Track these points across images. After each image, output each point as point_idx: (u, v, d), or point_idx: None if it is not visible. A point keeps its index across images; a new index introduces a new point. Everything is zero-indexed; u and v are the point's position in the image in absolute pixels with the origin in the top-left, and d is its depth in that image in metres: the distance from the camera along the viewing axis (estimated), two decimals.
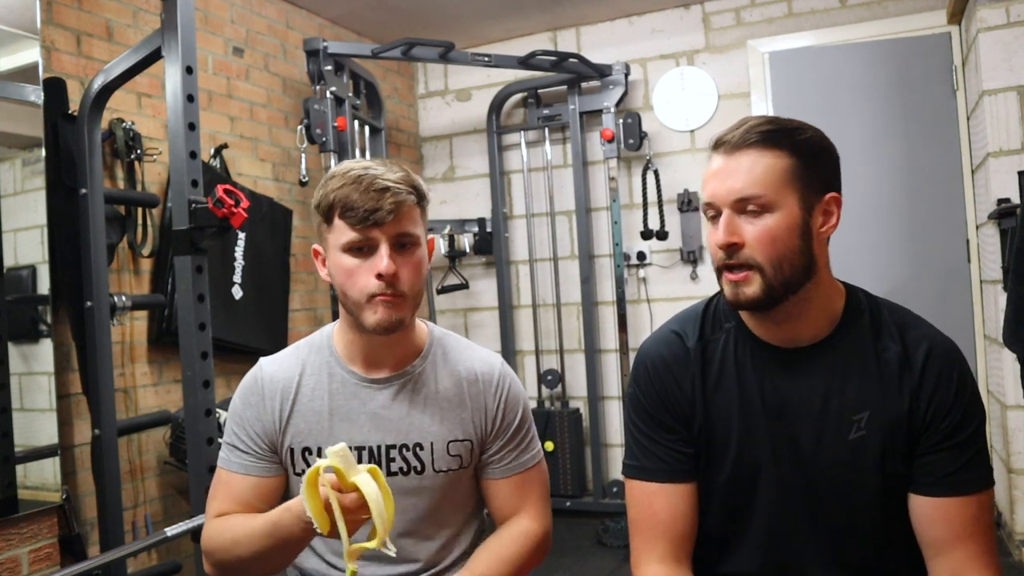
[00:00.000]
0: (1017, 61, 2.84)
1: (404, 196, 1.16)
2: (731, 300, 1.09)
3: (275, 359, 1.31)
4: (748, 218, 1.05)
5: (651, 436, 1.18)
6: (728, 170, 1.07)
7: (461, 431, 1.28)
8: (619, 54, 3.84)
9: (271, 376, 1.27)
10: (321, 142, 3.14)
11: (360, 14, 3.62)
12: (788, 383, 1.13)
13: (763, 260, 1.05)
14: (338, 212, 1.16)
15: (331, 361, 1.27)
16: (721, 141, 1.09)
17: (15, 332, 2.14)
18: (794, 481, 1.12)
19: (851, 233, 1.19)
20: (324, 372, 1.27)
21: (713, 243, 1.09)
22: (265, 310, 3.02)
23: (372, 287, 1.16)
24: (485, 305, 4.14)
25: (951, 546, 1.06)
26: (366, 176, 1.15)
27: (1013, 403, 2.80)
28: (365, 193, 1.14)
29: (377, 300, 1.16)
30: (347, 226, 1.16)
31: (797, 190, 1.06)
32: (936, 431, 1.08)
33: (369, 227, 1.15)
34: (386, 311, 1.16)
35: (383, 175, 1.16)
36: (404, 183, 1.17)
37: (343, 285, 1.19)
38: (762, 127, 1.07)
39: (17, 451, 2.08)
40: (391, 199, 1.14)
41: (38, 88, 2.16)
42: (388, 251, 1.16)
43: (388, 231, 1.16)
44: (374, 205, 1.14)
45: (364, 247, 1.17)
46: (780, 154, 1.06)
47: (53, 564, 2.12)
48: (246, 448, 1.25)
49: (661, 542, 1.15)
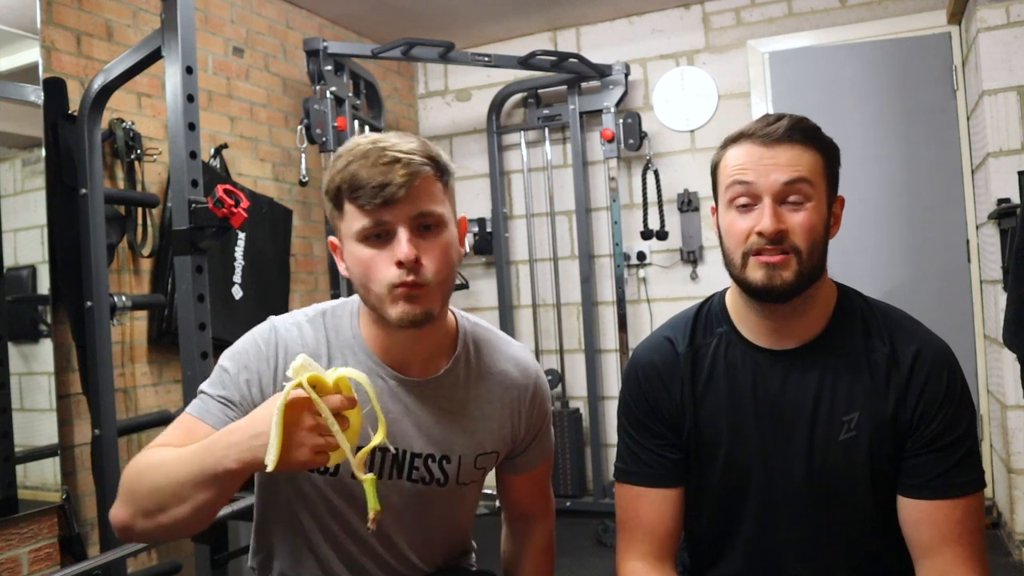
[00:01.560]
0: (1017, 61, 2.84)
1: (418, 167, 0.99)
2: (763, 284, 1.06)
3: (292, 327, 1.12)
4: (789, 208, 1.06)
5: (640, 442, 1.19)
6: (773, 159, 1.06)
7: (490, 443, 1.18)
8: (619, 54, 3.84)
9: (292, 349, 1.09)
10: (321, 142, 3.14)
11: (360, 14, 3.62)
12: (779, 385, 1.13)
13: (802, 247, 1.06)
14: (346, 195, 1.00)
15: (356, 349, 1.11)
16: (758, 133, 1.08)
17: (15, 332, 2.14)
18: (785, 483, 1.12)
19: (851, 233, 1.19)
20: (351, 359, 1.10)
21: (744, 229, 1.07)
22: (265, 310, 3.00)
23: (392, 276, 0.99)
24: (485, 305, 4.14)
25: (937, 548, 1.06)
26: (374, 149, 0.99)
27: (1013, 403, 2.80)
28: (373, 168, 0.97)
29: (398, 292, 1.00)
30: (357, 210, 1.00)
31: (825, 187, 1.09)
32: (924, 433, 1.08)
33: (380, 207, 0.98)
34: (408, 305, 1.00)
35: (394, 145, 0.99)
36: (419, 153, 1.00)
37: (361, 277, 1.03)
38: (803, 125, 1.09)
39: (17, 451, 2.08)
40: (402, 171, 0.97)
41: (38, 88, 2.16)
42: (407, 235, 0.99)
43: (404, 211, 0.99)
44: (383, 179, 0.97)
45: (380, 233, 1.00)
46: (816, 152, 1.08)
47: (53, 564, 2.12)
48: (235, 407, 1.06)
49: (644, 541, 1.17)
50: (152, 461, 0.99)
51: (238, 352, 1.10)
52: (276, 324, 1.13)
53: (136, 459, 1.01)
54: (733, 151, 1.11)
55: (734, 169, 1.09)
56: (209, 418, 1.04)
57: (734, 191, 1.08)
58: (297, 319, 1.14)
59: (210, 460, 0.92)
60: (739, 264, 1.08)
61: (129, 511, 0.98)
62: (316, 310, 1.16)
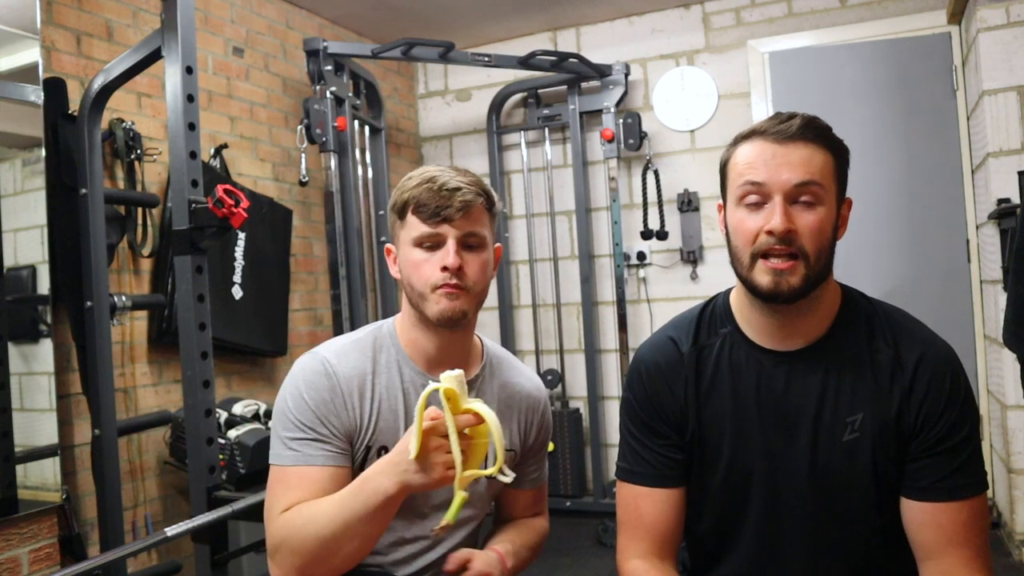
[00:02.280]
0: (1017, 61, 2.84)
1: (473, 197, 1.22)
2: (769, 289, 1.05)
3: (339, 354, 1.26)
4: (800, 208, 1.05)
5: (643, 441, 1.19)
6: (785, 158, 1.05)
7: (509, 442, 1.33)
8: (619, 54, 3.84)
9: (344, 374, 1.23)
10: (321, 142, 3.14)
11: (360, 14, 3.62)
12: (783, 386, 1.13)
13: (810, 250, 1.05)
14: (411, 208, 1.22)
15: (400, 360, 1.28)
16: (770, 131, 1.07)
17: (15, 332, 2.14)
18: (787, 483, 1.12)
19: (851, 233, 1.18)
20: (395, 370, 1.27)
21: (753, 228, 1.06)
22: (265, 310, 3.02)
23: (437, 278, 1.20)
24: (485, 305, 4.11)
25: (941, 550, 1.06)
26: (440, 176, 1.22)
27: (1013, 403, 2.80)
28: (438, 192, 1.20)
29: (441, 291, 1.20)
30: (419, 221, 1.21)
31: (835, 188, 1.08)
32: (927, 436, 1.08)
33: (439, 222, 1.20)
34: (449, 302, 1.20)
35: (455, 177, 1.23)
36: (475, 185, 1.24)
37: (410, 277, 1.23)
38: (816, 123, 1.08)
39: (17, 451, 2.08)
40: (460, 198, 1.20)
41: (38, 88, 2.16)
42: (455, 247, 1.20)
43: (457, 228, 1.21)
44: (445, 203, 1.20)
45: (433, 242, 1.21)
46: (827, 152, 1.08)
47: (53, 564, 2.12)
48: (328, 439, 1.19)
49: (644, 540, 1.17)
50: (306, 515, 1.12)
51: (294, 395, 1.22)
52: (324, 356, 1.25)
53: (286, 519, 1.14)
54: (744, 148, 1.09)
55: (745, 167, 1.08)
56: (317, 460, 1.18)
57: (744, 189, 1.07)
58: (341, 345, 1.28)
59: (370, 493, 1.08)
60: (747, 265, 1.08)
61: (298, 562, 1.12)
62: (362, 335, 1.30)
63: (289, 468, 1.18)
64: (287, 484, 1.17)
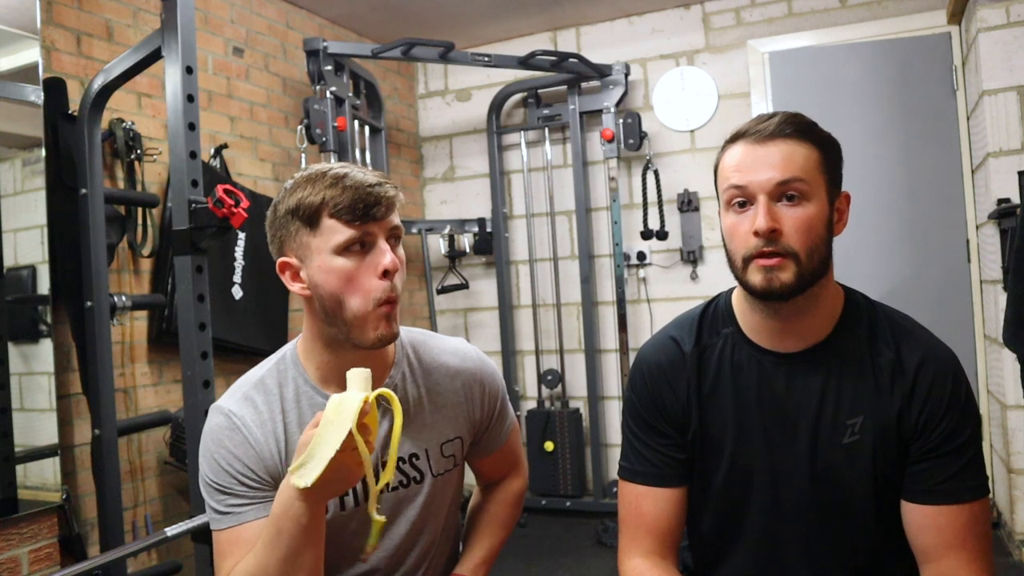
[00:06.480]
0: (1017, 61, 2.84)
1: (392, 192, 1.11)
2: (763, 287, 1.06)
3: (243, 403, 1.16)
4: (786, 205, 1.05)
5: (645, 441, 1.20)
6: (765, 157, 1.05)
7: (452, 430, 1.24)
8: (619, 54, 3.84)
9: (254, 422, 1.14)
10: (321, 142, 3.14)
11: (360, 14, 3.62)
12: (785, 387, 1.13)
13: (799, 248, 1.04)
14: (328, 212, 1.07)
15: (309, 392, 1.16)
16: (750, 132, 1.07)
17: (15, 332, 2.14)
18: (788, 485, 1.12)
19: (851, 233, 1.19)
20: (304, 402, 1.16)
21: (743, 231, 1.06)
22: (265, 310, 3.02)
23: (379, 290, 1.08)
24: (485, 305, 4.14)
25: (941, 554, 1.05)
26: (350, 175, 1.09)
27: (1013, 403, 2.80)
28: (358, 190, 1.07)
29: (383, 311, 1.08)
30: (343, 224, 1.07)
31: (825, 182, 1.08)
32: (928, 439, 1.08)
33: (368, 222, 1.07)
34: (388, 326, 1.09)
35: (366, 173, 1.11)
36: (386, 180, 1.13)
37: (340, 293, 1.08)
38: (795, 119, 1.08)
39: (17, 451, 2.08)
40: (384, 193, 1.09)
41: (38, 88, 2.16)
42: (387, 245, 1.09)
43: (384, 226, 1.09)
44: (373, 200, 1.07)
45: (363, 243, 1.08)
46: (811, 146, 1.07)
47: (53, 564, 2.12)
48: (253, 490, 1.12)
49: (646, 539, 1.17)
50: (248, 571, 1.05)
51: (212, 458, 1.13)
52: (228, 408, 1.15)
53: None
54: (729, 152, 1.10)
55: (730, 170, 1.08)
56: (248, 515, 1.10)
57: (730, 192, 1.08)
58: (237, 392, 1.17)
59: (293, 520, 0.99)
60: (740, 267, 1.08)
61: None
62: (258, 375, 1.19)
63: (222, 532, 1.11)
64: (225, 550, 1.10)
